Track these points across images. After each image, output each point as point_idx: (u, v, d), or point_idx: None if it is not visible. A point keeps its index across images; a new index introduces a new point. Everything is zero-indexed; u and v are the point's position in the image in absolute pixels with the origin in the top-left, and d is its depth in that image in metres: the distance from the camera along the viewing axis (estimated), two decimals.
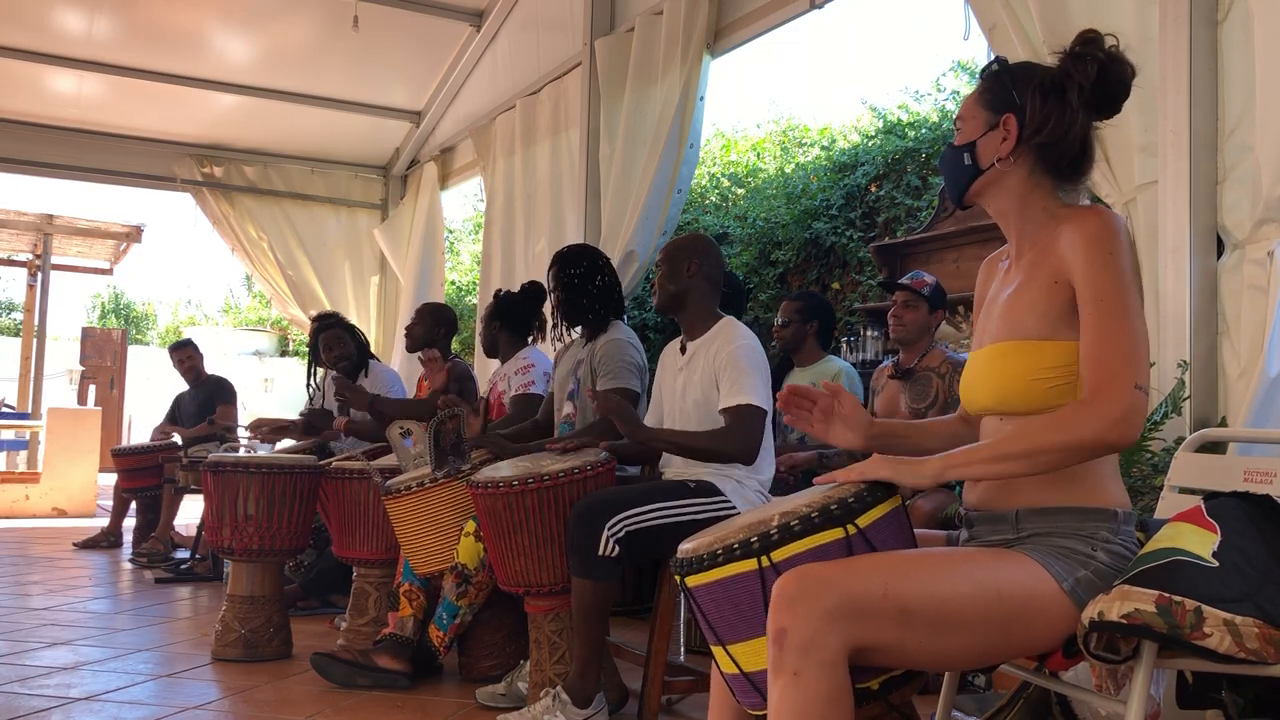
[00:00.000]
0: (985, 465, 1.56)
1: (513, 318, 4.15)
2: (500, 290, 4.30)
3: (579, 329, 3.48)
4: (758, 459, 2.78)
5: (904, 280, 3.75)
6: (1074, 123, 1.60)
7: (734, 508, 2.71)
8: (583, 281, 3.39)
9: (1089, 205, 1.65)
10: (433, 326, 4.57)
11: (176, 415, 6.75)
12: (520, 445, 3.35)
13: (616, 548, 2.62)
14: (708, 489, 2.73)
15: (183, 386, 6.85)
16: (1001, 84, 1.65)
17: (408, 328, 4.80)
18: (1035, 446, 1.50)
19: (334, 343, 4.93)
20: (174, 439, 6.64)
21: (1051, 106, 1.59)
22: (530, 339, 4.19)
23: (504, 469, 2.93)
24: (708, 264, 2.94)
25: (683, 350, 2.95)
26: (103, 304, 26.92)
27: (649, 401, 3.30)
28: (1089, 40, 1.59)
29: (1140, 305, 1.54)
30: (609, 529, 2.62)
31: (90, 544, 6.76)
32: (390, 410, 4.19)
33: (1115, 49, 1.58)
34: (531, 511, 2.80)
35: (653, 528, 2.65)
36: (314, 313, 6.52)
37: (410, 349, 4.81)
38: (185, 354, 6.71)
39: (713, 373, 2.79)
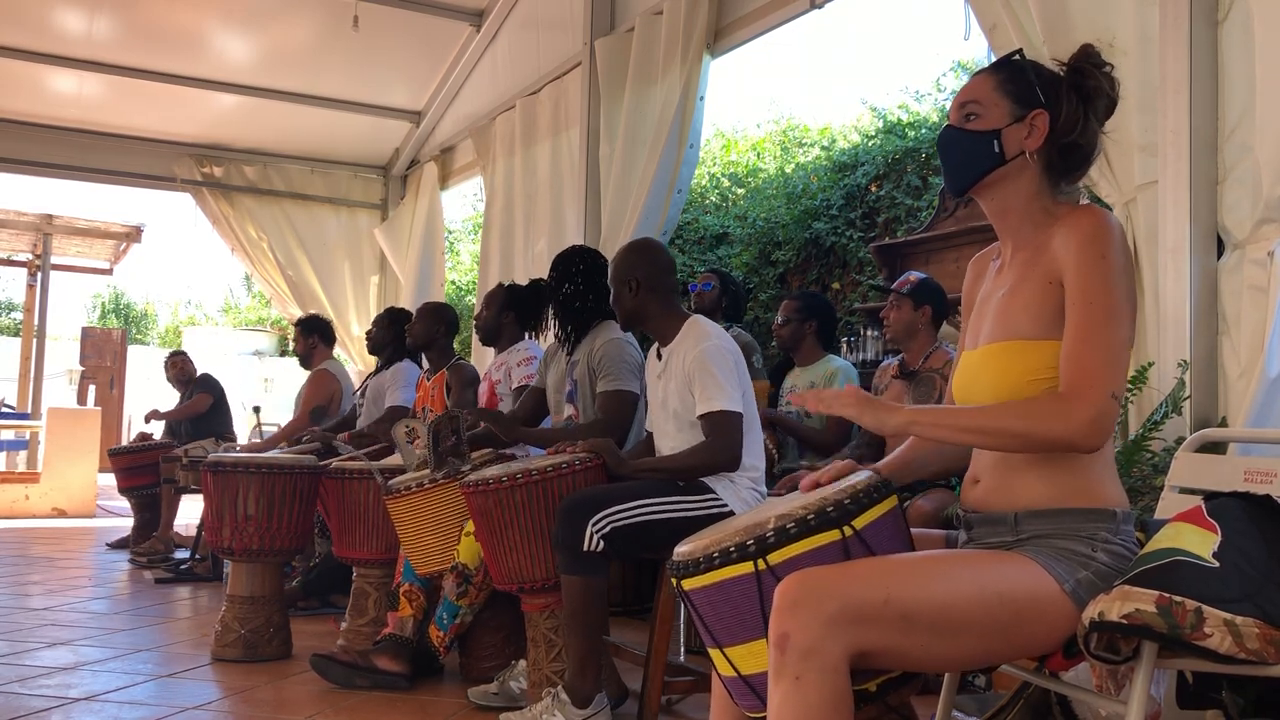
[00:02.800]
0: (951, 431, 1.57)
1: (525, 311, 4.16)
2: (510, 282, 4.32)
3: (568, 330, 3.48)
4: (747, 456, 2.77)
5: (889, 285, 3.79)
6: (1098, 132, 1.63)
7: (725, 505, 2.70)
8: (561, 284, 3.40)
9: (1085, 205, 1.65)
10: (433, 325, 4.57)
11: (176, 425, 6.84)
12: (523, 430, 3.36)
13: (601, 543, 2.62)
14: (697, 486, 2.73)
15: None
16: (1026, 79, 1.64)
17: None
18: (1002, 427, 1.52)
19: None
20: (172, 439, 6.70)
21: (1080, 113, 1.61)
22: (528, 334, 4.20)
23: (495, 468, 2.94)
24: (647, 273, 2.91)
25: (659, 357, 2.95)
26: (103, 304, 26.91)
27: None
28: (1095, 54, 1.62)
29: (1131, 310, 1.54)
30: (593, 524, 2.62)
31: (122, 544, 6.79)
32: None
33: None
34: (522, 507, 2.81)
35: (639, 524, 2.65)
36: (314, 312, 6.60)
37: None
38: (176, 359, 6.96)
39: (685, 378, 2.78)
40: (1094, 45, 1.63)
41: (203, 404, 6.69)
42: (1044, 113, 1.62)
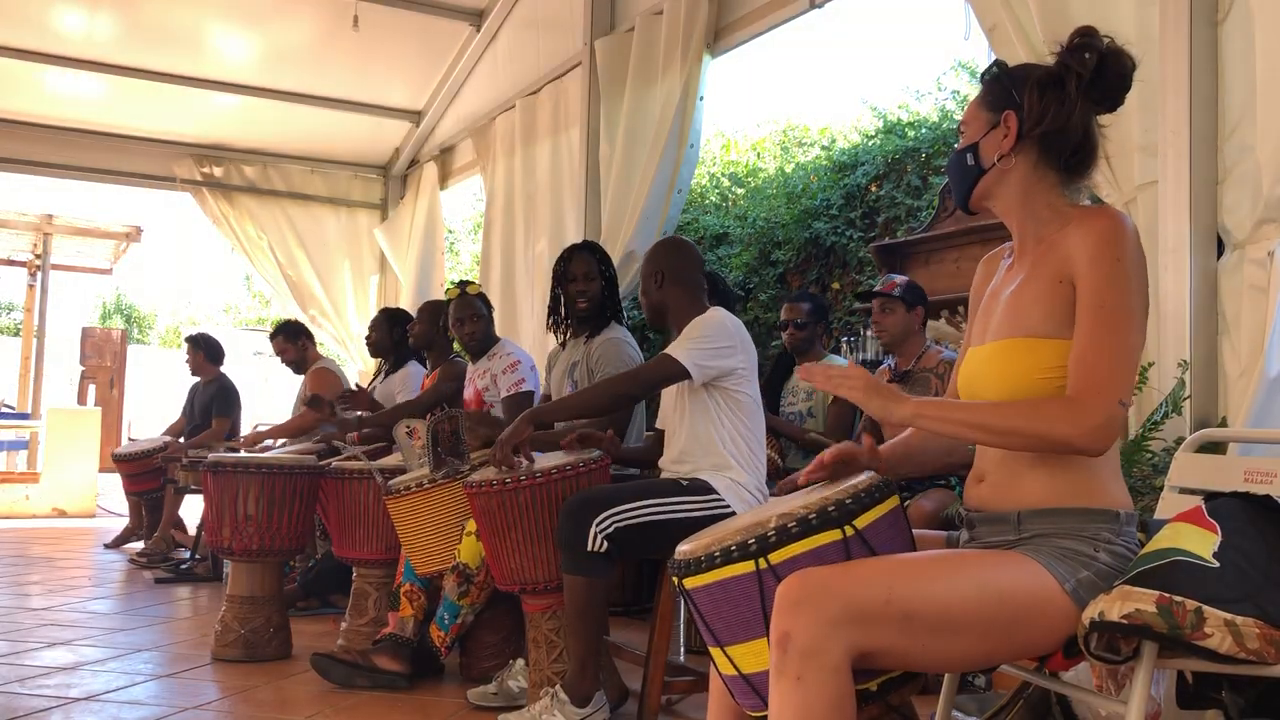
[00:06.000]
0: (957, 426, 1.56)
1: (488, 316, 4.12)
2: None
3: (578, 327, 3.50)
4: (751, 457, 2.79)
5: (875, 288, 3.74)
6: (1073, 113, 1.59)
7: (727, 506, 2.71)
8: (611, 279, 3.50)
9: (1099, 205, 1.65)
10: (431, 325, 4.57)
11: (190, 410, 6.78)
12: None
13: (605, 543, 2.62)
14: (701, 487, 2.73)
15: (187, 379, 6.90)
16: (1000, 85, 1.67)
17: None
18: (1010, 426, 1.51)
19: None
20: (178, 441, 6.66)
21: (1050, 98, 1.60)
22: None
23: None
24: (675, 268, 2.94)
25: None
26: (104, 304, 26.89)
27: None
28: (1086, 34, 1.60)
29: (1143, 314, 1.53)
30: (597, 524, 2.62)
31: (118, 542, 6.79)
32: (382, 419, 4.28)
33: (1113, 42, 1.59)
34: (525, 509, 2.81)
35: (643, 524, 2.65)
36: (288, 318, 6.54)
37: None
38: (190, 349, 6.71)
39: None
40: (1091, 27, 1.61)
41: (222, 431, 6.55)
42: (1012, 111, 1.63)
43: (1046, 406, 1.50)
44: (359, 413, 4.63)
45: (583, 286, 3.41)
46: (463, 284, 4.14)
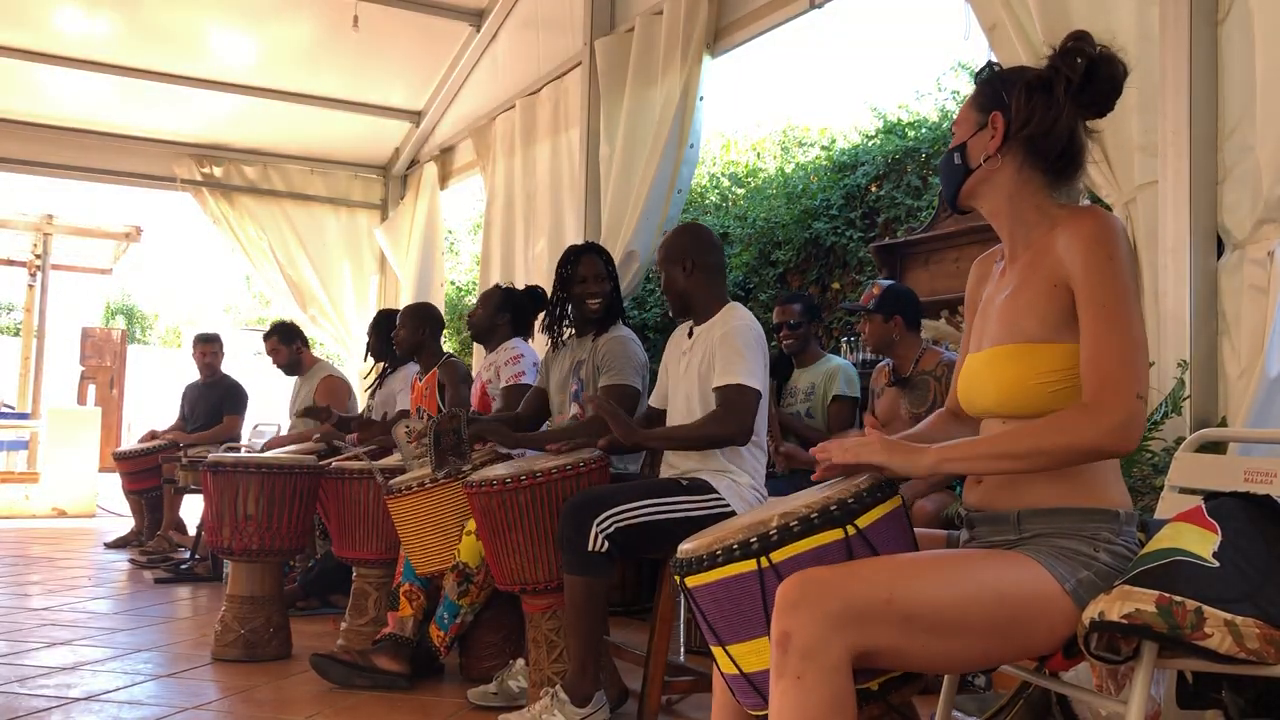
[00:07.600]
0: (982, 461, 1.56)
1: (520, 313, 4.18)
2: (505, 284, 4.37)
3: (584, 327, 3.50)
4: (751, 458, 2.79)
5: (857, 303, 3.83)
6: (1059, 117, 1.59)
7: (728, 505, 2.71)
8: (616, 280, 3.50)
9: (1085, 206, 1.65)
10: (416, 329, 4.56)
11: (185, 410, 6.76)
12: (523, 435, 3.35)
13: (606, 543, 2.62)
14: (701, 487, 2.73)
15: (186, 379, 6.88)
16: (992, 85, 1.68)
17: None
18: (1034, 447, 1.51)
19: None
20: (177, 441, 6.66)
21: (1037, 101, 1.60)
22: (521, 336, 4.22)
23: (499, 468, 2.93)
24: (702, 256, 2.93)
25: (690, 334, 2.96)
26: (107, 305, 26.86)
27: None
28: (1079, 38, 1.60)
29: (1140, 309, 1.54)
30: (598, 524, 2.62)
31: (121, 543, 6.79)
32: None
33: (1106, 48, 1.59)
34: (525, 509, 2.81)
35: (643, 524, 2.65)
36: (282, 319, 6.50)
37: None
38: (210, 349, 6.71)
39: (710, 353, 2.80)
40: (1085, 31, 1.60)
41: (235, 428, 6.57)
42: (999, 112, 1.63)
43: (1065, 417, 1.49)
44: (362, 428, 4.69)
45: (594, 288, 3.40)
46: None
